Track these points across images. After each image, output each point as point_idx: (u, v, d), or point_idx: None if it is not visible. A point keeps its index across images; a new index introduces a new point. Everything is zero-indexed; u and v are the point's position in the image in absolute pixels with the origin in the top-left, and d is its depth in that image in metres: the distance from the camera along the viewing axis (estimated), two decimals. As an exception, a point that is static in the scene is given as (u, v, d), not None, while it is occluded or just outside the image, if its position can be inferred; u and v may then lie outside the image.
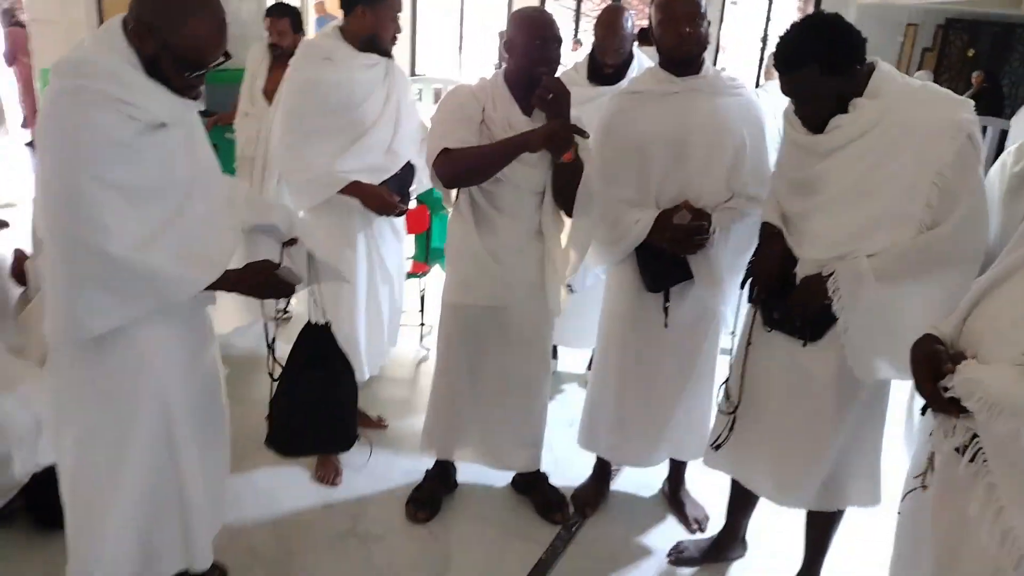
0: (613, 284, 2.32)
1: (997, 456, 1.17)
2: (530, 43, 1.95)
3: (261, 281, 1.61)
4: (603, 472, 2.58)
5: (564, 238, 2.20)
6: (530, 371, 2.32)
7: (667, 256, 2.09)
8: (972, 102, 1.63)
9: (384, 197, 2.40)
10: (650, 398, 2.30)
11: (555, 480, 2.54)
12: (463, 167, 1.96)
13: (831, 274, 1.66)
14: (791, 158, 1.84)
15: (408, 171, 2.52)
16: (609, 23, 2.65)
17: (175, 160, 1.47)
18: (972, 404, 1.16)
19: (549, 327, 2.31)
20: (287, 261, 1.75)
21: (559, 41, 1.98)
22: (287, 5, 3.71)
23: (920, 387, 1.29)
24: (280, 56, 3.59)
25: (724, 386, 2.00)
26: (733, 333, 2.23)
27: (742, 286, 1.91)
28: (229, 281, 1.55)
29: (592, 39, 2.76)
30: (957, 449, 1.25)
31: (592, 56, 2.77)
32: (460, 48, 11.65)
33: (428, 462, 2.49)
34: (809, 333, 1.75)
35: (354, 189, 2.36)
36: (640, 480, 2.65)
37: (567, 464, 2.66)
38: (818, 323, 1.73)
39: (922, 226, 1.58)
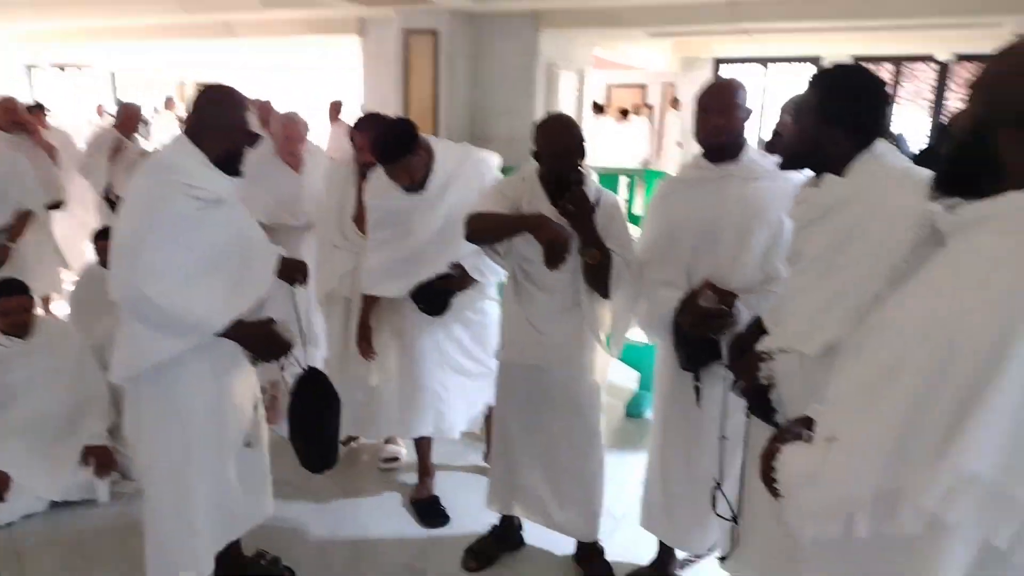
0: (659, 361, 2.34)
1: (806, 551, 1.08)
2: (552, 151, 2.18)
3: (261, 334, 2.05)
4: (664, 557, 2.51)
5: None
6: (576, 437, 2.41)
7: (700, 337, 2.09)
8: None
9: None
10: (691, 479, 2.24)
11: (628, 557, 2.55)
12: (476, 225, 2.23)
13: (769, 359, 1.59)
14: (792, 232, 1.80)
15: None
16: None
17: (227, 228, 2.01)
18: (779, 486, 1.11)
19: (594, 395, 2.40)
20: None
21: (579, 142, 2.17)
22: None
23: (762, 466, 1.24)
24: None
25: (716, 490, 1.91)
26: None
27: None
28: (239, 331, 1.99)
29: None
30: None
31: None
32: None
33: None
34: (767, 416, 1.65)
35: None
36: (712, 570, 2.51)
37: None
38: (764, 402, 1.64)
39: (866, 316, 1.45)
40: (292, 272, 2.26)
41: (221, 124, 1.97)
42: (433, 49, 5.93)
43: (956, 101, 11.38)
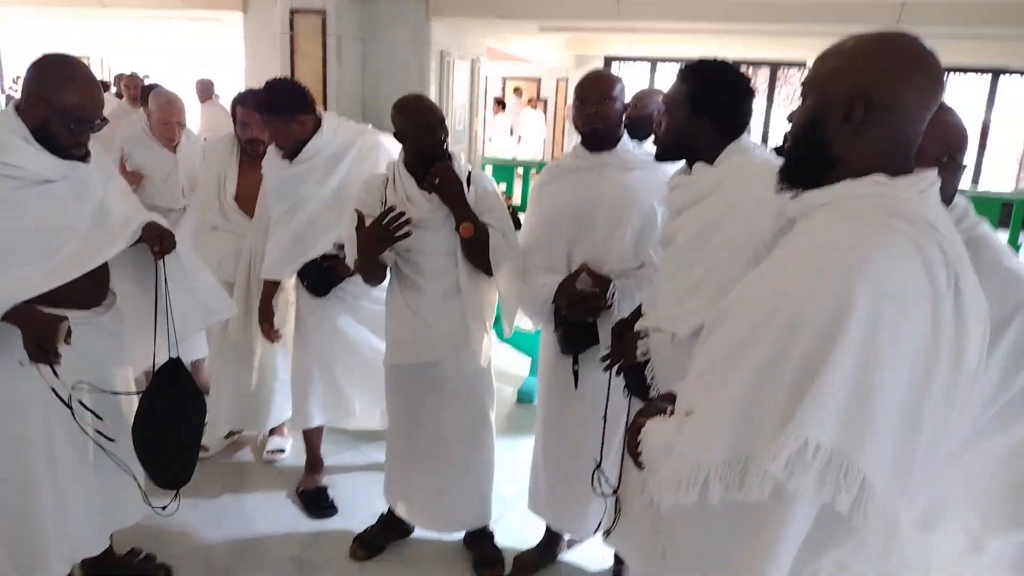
0: (542, 347, 2.40)
1: (665, 520, 1.14)
2: (414, 127, 2.19)
3: (37, 324, 1.76)
4: (551, 538, 2.58)
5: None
6: (468, 425, 2.43)
7: (577, 321, 2.17)
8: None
9: None
10: (572, 463, 2.31)
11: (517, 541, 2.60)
12: (361, 271, 2.26)
13: (645, 337, 1.67)
14: (665, 219, 1.90)
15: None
16: None
17: (58, 209, 1.83)
18: (642, 458, 1.16)
19: (484, 382, 2.43)
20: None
21: (441, 121, 2.21)
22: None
23: (629, 439, 1.28)
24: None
25: (597, 470, 1.98)
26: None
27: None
28: (21, 316, 1.75)
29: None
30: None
31: None
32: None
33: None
34: (642, 393, 1.74)
35: None
36: (597, 553, 2.61)
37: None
38: (639, 379, 1.73)
39: None
40: (152, 240, 2.00)
41: (30, 89, 1.78)
42: (321, 29, 5.75)
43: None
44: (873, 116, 0.99)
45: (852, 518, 0.88)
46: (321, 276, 2.63)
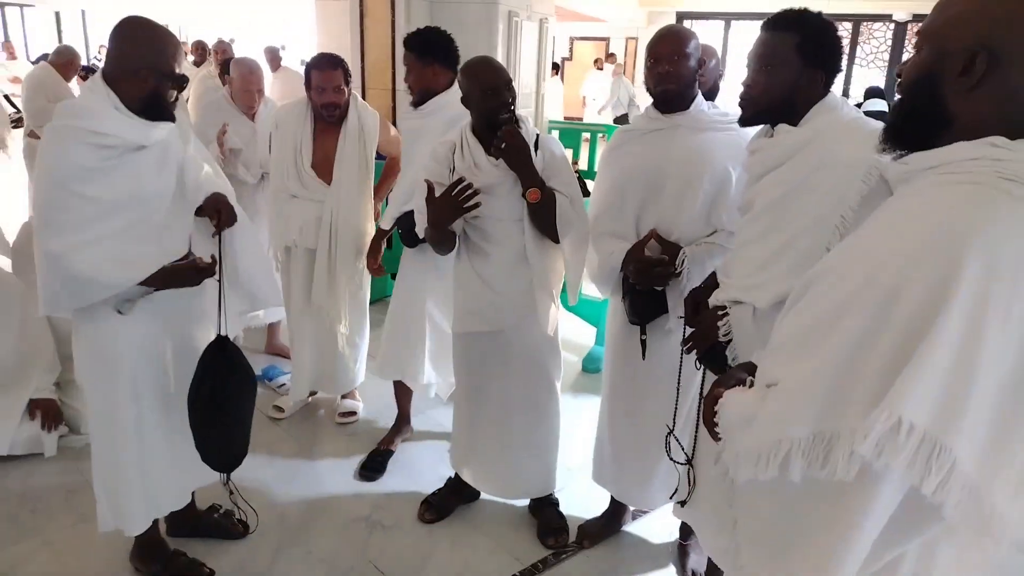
0: (609, 315, 2.35)
1: (739, 494, 1.10)
2: (481, 89, 2.12)
3: (183, 271, 1.92)
4: (616, 509, 2.56)
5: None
6: (533, 394, 2.41)
7: (647, 289, 2.10)
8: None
9: None
10: (639, 434, 2.28)
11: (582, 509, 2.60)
12: (432, 242, 2.25)
13: (726, 314, 1.60)
14: (741, 183, 1.80)
15: None
16: None
17: (146, 176, 1.86)
18: (719, 429, 1.12)
19: (551, 350, 2.40)
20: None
21: (508, 84, 2.13)
22: None
23: (704, 410, 1.23)
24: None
25: (670, 435, 1.93)
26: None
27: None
28: (161, 279, 1.88)
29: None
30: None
31: None
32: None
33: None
34: (721, 370, 1.67)
35: None
36: (661, 526, 2.58)
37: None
38: (720, 358, 1.66)
39: None
40: (210, 214, 2.03)
41: (134, 63, 1.80)
42: (390, -9, 5.75)
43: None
44: (995, 71, 0.89)
45: (938, 500, 0.82)
46: (413, 228, 2.63)
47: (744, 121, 1.70)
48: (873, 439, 0.82)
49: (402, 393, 3.06)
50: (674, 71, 2.01)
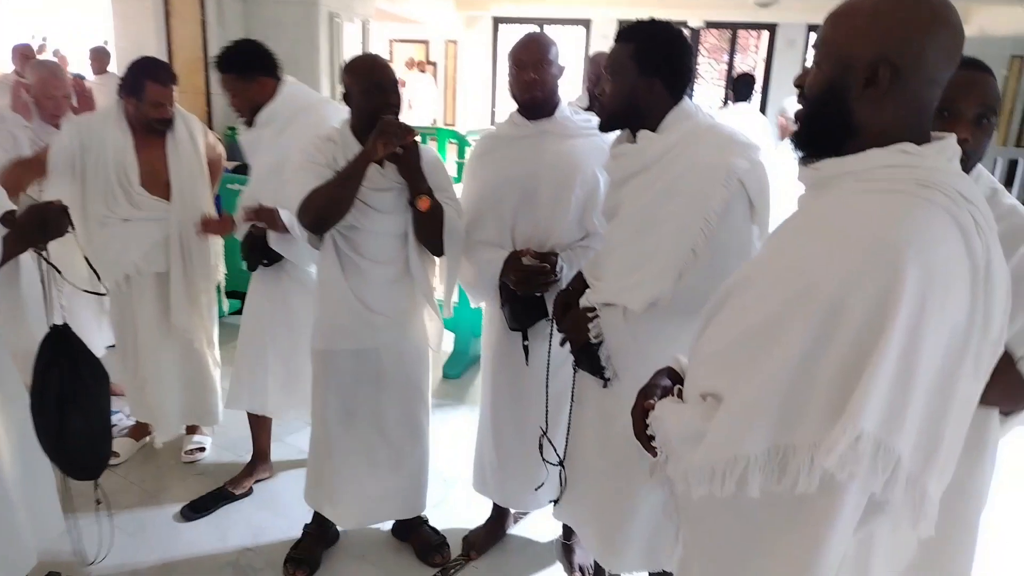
0: (485, 323, 2.34)
1: (687, 508, 1.11)
2: (366, 87, 2.01)
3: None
4: (499, 515, 2.55)
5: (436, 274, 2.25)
6: (407, 412, 2.30)
7: (525, 295, 2.11)
8: (759, 146, 1.61)
9: None
10: (523, 438, 2.28)
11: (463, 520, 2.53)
12: (318, 205, 1.95)
13: (596, 316, 1.65)
14: (607, 187, 1.86)
15: None
16: None
17: None
18: (656, 443, 1.12)
19: (424, 367, 2.32)
20: None
21: (394, 80, 2.05)
22: None
23: (634, 423, 1.21)
24: None
25: (543, 437, 1.94)
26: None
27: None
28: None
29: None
30: None
31: None
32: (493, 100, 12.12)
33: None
34: (595, 370, 1.72)
35: None
36: (544, 525, 2.60)
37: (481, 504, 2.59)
38: (593, 358, 1.71)
39: (685, 271, 1.57)
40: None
41: None
42: (197, -12, 5.33)
43: (704, 65, 12.66)
44: (897, 81, 0.94)
45: (884, 496, 0.87)
46: (252, 247, 2.45)
47: (601, 127, 1.78)
48: (837, 453, 0.84)
49: (258, 427, 2.81)
50: (539, 78, 2.03)
